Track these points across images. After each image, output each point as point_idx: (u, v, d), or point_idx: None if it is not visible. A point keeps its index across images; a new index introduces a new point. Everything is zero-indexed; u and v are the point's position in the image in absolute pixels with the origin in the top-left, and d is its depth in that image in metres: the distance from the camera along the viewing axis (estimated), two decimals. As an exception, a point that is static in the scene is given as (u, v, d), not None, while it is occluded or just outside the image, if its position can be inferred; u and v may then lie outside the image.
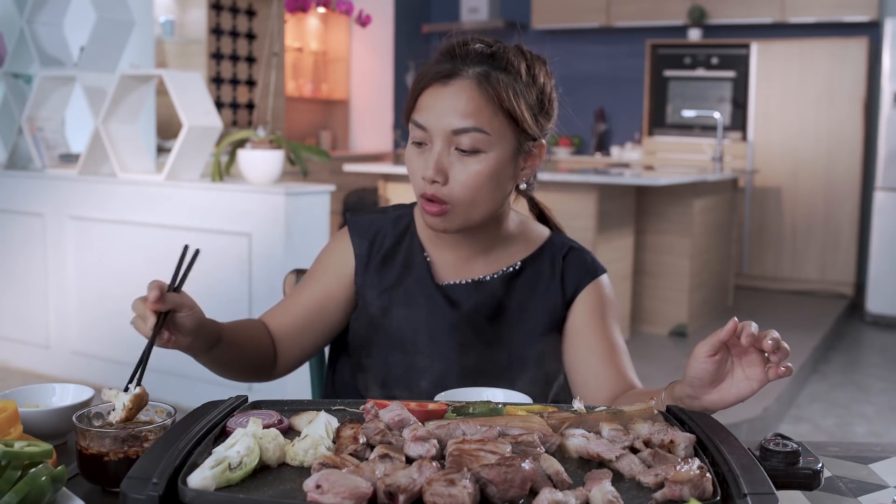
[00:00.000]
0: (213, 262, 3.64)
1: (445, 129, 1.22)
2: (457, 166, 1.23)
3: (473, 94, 1.22)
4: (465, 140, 1.22)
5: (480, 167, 1.23)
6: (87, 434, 0.94)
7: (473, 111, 1.21)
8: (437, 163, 1.23)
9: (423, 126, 1.24)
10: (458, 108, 1.22)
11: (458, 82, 1.22)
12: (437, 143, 1.23)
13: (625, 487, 0.84)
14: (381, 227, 1.39)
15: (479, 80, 1.22)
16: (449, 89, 1.22)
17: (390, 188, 4.93)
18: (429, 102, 1.24)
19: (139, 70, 3.90)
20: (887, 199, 5.93)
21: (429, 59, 1.28)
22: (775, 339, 0.99)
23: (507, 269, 1.36)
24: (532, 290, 1.35)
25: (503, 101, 1.22)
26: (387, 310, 1.34)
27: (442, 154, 1.23)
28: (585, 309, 1.36)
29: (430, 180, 1.23)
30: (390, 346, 1.34)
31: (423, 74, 1.25)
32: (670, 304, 5.06)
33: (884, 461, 1.08)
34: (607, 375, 1.31)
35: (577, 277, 1.37)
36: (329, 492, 0.76)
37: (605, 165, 6.92)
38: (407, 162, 1.29)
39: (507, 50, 1.26)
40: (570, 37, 7.50)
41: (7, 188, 4.25)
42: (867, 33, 6.57)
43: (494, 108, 1.22)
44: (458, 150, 1.23)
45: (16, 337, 4.31)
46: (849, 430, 3.81)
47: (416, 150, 1.27)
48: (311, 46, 8.01)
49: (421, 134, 1.25)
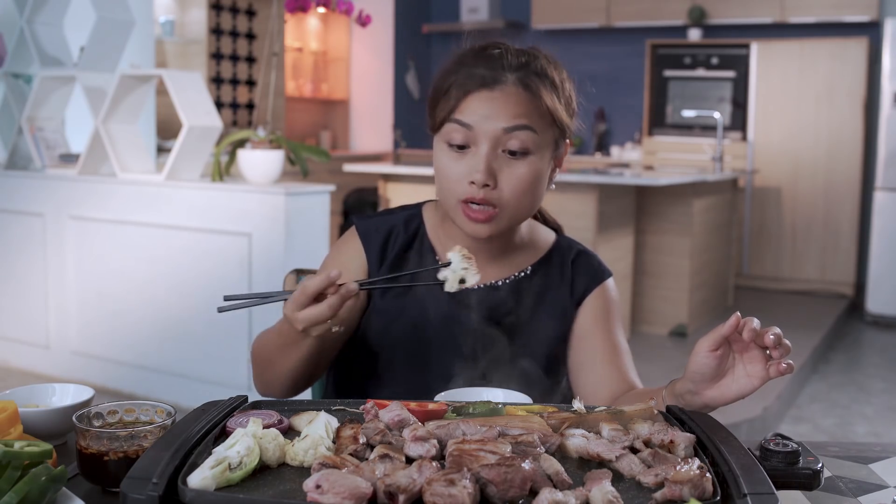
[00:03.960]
0: (213, 262, 3.64)
1: (495, 128, 1.21)
2: (505, 170, 1.23)
3: (521, 97, 1.23)
4: (514, 141, 1.22)
5: (528, 169, 1.23)
6: (87, 434, 0.94)
7: (522, 112, 1.22)
8: (487, 164, 1.21)
9: (469, 125, 1.22)
10: (507, 109, 1.22)
11: (503, 87, 1.23)
12: (484, 144, 1.22)
13: (625, 487, 0.84)
14: (392, 228, 1.37)
15: (522, 84, 1.23)
16: (495, 93, 1.23)
17: (390, 188, 4.92)
18: (475, 104, 1.22)
19: (139, 70, 3.90)
20: (887, 199, 5.93)
21: (438, 62, 1.29)
22: (777, 335, 0.99)
23: (518, 273, 1.36)
24: (542, 295, 1.35)
25: (545, 102, 1.24)
26: (398, 313, 1.33)
27: (490, 156, 1.22)
28: (591, 312, 1.36)
29: (482, 184, 1.21)
30: (401, 350, 1.33)
31: (463, 79, 1.23)
32: (670, 304, 5.06)
33: (884, 461, 1.08)
34: (609, 377, 1.32)
35: (585, 282, 1.38)
36: (329, 492, 0.76)
37: (605, 165, 6.92)
38: (443, 167, 1.26)
39: (537, 55, 1.28)
40: (570, 37, 7.50)
41: (7, 188, 4.25)
42: (867, 33, 6.57)
43: (539, 110, 1.24)
44: (505, 153, 1.23)
45: (16, 337, 4.31)
46: (849, 430, 3.81)
47: (455, 153, 1.24)
48: (311, 46, 8.01)
49: (464, 135, 1.23)
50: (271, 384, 1.27)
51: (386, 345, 1.34)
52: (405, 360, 1.33)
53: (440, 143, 1.27)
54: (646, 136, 7.20)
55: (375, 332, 1.34)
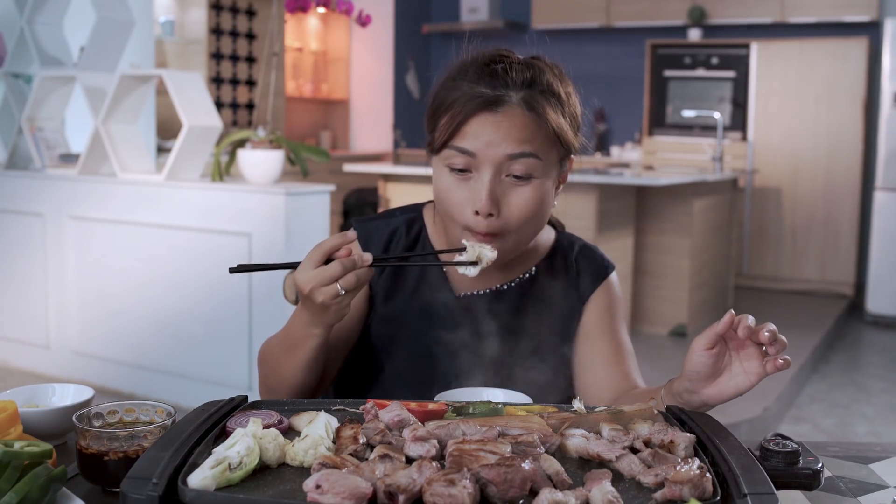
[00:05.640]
0: (213, 262, 3.64)
1: (499, 155, 1.17)
2: (510, 194, 1.20)
3: (525, 121, 1.18)
4: (518, 166, 1.18)
5: (533, 193, 1.20)
6: (87, 434, 0.94)
7: (528, 137, 1.18)
8: (490, 193, 1.17)
9: (471, 152, 1.18)
10: (511, 134, 1.17)
11: (507, 109, 1.18)
12: (487, 170, 1.18)
13: (625, 487, 0.84)
14: (394, 231, 1.35)
15: (527, 106, 1.18)
16: (498, 116, 1.17)
17: (390, 188, 4.92)
18: (477, 129, 1.18)
19: (139, 70, 3.90)
20: (887, 199, 5.93)
21: (438, 65, 1.24)
22: (772, 331, 0.99)
23: (523, 275, 1.35)
24: (549, 295, 1.34)
25: (551, 123, 1.20)
26: (403, 318, 1.31)
27: (494, 183, 1.18)
28: (597, 310, 1.36)
29: (486, 213, 1.18)
30: (406, 355, 1.32)
31: (466, 99, 1.18)
32: (670, 304, 5.07)
33: (884, 461, 1.08)
34: (612, 377, 1.31)
35: (590, 279, 1.37)
36: (329, 492, 0.76)
37: (605, 165, 6.91)
38: (444, 191, 1.22)
39: (543, 70, 1.23)
40: (570, 37, 7.50)
41: (7, 188, 4.25)
42: (867, 33, 6.57)
43: (543, 132, 1.20)
44: (509, 177, 1.19)
45: (16, 337, 4.31)
46: (849, 430, 3.81)
47: (458, 178, 1.20)
48: (311, 46, 8.01)
49: (466, 161, 1.19)
50: (276, 392, 1.24)
51: (390, 352, 1.32)
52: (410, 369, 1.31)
53: (440, 166, 1.23)
54: (646, 136, 7.20)
55: (378, 339, 1.33)
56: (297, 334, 1.16)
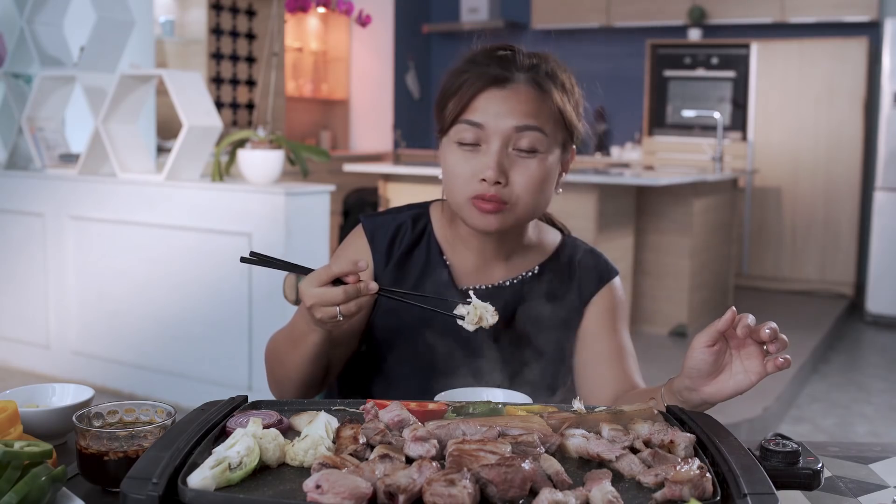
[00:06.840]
0: (213, 262, 3.64)
1: (506, 127, 1.22)
2: (516, 167, 1.23)
3: (531, 96, 1.24)
4: (524, 140, 1.23)
5: (539, 167, 1.24)
6: (87, 434, 0.94)
7: (533, 111, 1.23)
8: (498, 163, 1.22)
9: (480, 124, 1.23)
10: (518, 107, 1.23)
11: (515, 86, 1.24)
12: (495, 142, 1.23)
13: (625, 487, 0.84)
14: (399, 226, 1.37)
15: (534, 83, 1.24)
16: (506, 91, 1.23)
17: (390, 188, 4.92)
18: (485, 104, 1.23)
19: (139, 70, 3.91)
20: (887, 199, 5.93)
21: (449, 62, 1.28)
22: (773, 330, 1.00)
23: (525, 273, 1.36)
24: (550, 295, 1.35)
25: (556, 102, 1.25)
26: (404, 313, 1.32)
27: (501, 154, 1.23)
28: (598, 312, 1.37)
29: (493, 181, 1.22)
30: (408, 349, 1.33)
31: (474, 78, 1.24)
32: (670, 304, 5.06)
33: (884, 461, 1.08)
34: (613, 378, 1.32)
35: (592, 281, 1.38)
36: (329, 492, 0.76)
37: (605, 165, 6.91)
38: (452, 165, 1.26)
39: (548, 58, 1.29)
40: (570, 37, 7.50)
41: (7, 188, 4.25)
42: (867, 33, 6.57)
43: (548, 111, 1.25)
44: (515, 151, 1.23)
45: (16, 337, 4.31)
46: (849, 430, 3.81)
47: (466, 151, 1.25)
48: (311, 46, 8.01)
49: (475, 134, 1.23)
50: (282, 384, 1.29)
51: (391, 344, 1.34)
52: (410, 360, 1.33)
53: (450, 144, 1.27)
54: (646, 136, 7.20)
55: (381, 332, 1.34)
56: (300, 330, 1.20)
